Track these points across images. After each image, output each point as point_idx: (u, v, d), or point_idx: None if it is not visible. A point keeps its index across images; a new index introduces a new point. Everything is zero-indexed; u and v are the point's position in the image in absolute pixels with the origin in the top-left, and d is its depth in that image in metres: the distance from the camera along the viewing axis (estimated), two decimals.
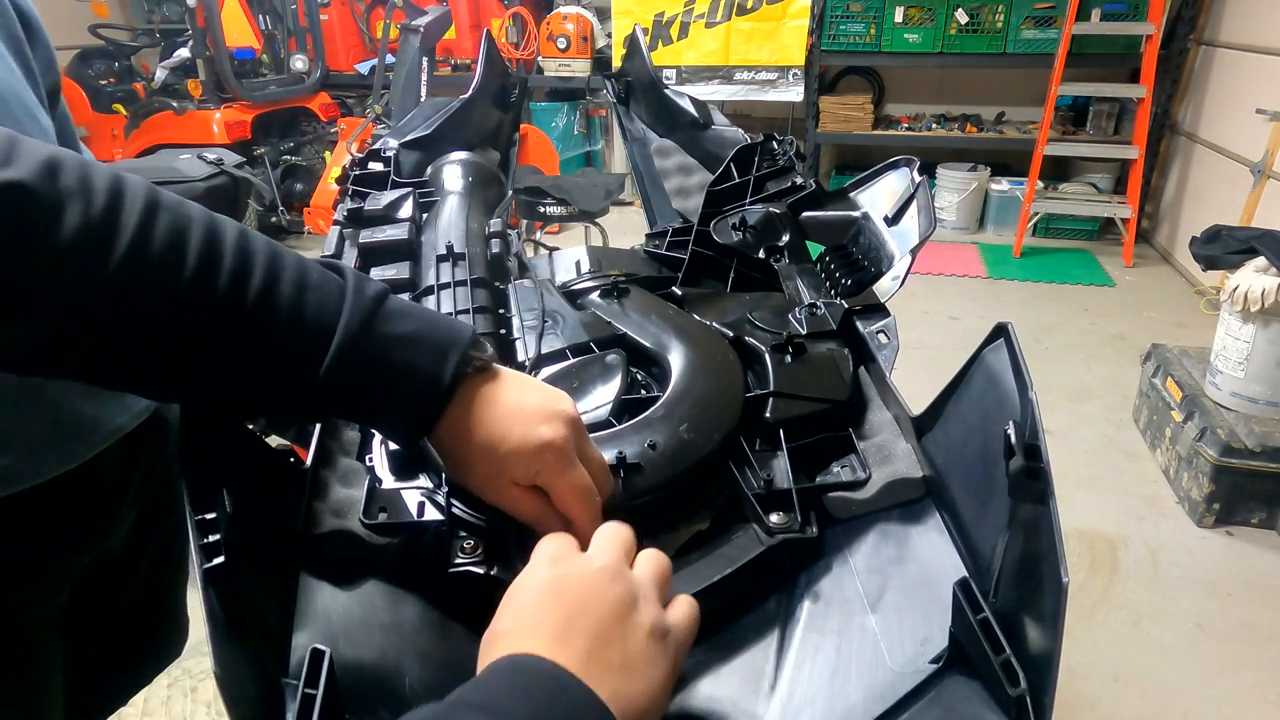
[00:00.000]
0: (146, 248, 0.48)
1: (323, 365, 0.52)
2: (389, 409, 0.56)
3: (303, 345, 0.52)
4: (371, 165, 1.25)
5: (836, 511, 0.69)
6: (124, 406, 0.88)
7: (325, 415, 0.60)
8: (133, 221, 0.48)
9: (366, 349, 0.53)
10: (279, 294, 0.52)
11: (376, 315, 0.54)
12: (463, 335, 0.57)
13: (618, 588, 0.48)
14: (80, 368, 0.51)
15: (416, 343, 0.55)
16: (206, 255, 0.50)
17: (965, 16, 4.90)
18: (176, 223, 0.50)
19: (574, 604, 0.47)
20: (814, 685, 0.56)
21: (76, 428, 0.82)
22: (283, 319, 0.51)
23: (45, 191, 0.46)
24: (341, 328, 0.53)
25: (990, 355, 0.61)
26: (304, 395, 0.53)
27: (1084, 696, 1.99)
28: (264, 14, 5.05)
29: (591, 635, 0.45)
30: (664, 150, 1.50)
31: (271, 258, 0.53)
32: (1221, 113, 4.42)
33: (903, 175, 0.99)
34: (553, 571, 0.49)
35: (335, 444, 0.71)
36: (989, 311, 4.23)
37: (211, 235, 0.51)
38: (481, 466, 0.57)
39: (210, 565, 0.48)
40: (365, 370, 0.54)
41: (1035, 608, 0.47)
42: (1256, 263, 2.56)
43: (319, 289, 0.53)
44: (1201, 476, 2.53)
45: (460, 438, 0.57)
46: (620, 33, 5.35)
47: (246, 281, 0.51)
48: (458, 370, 0.56)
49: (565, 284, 0.98)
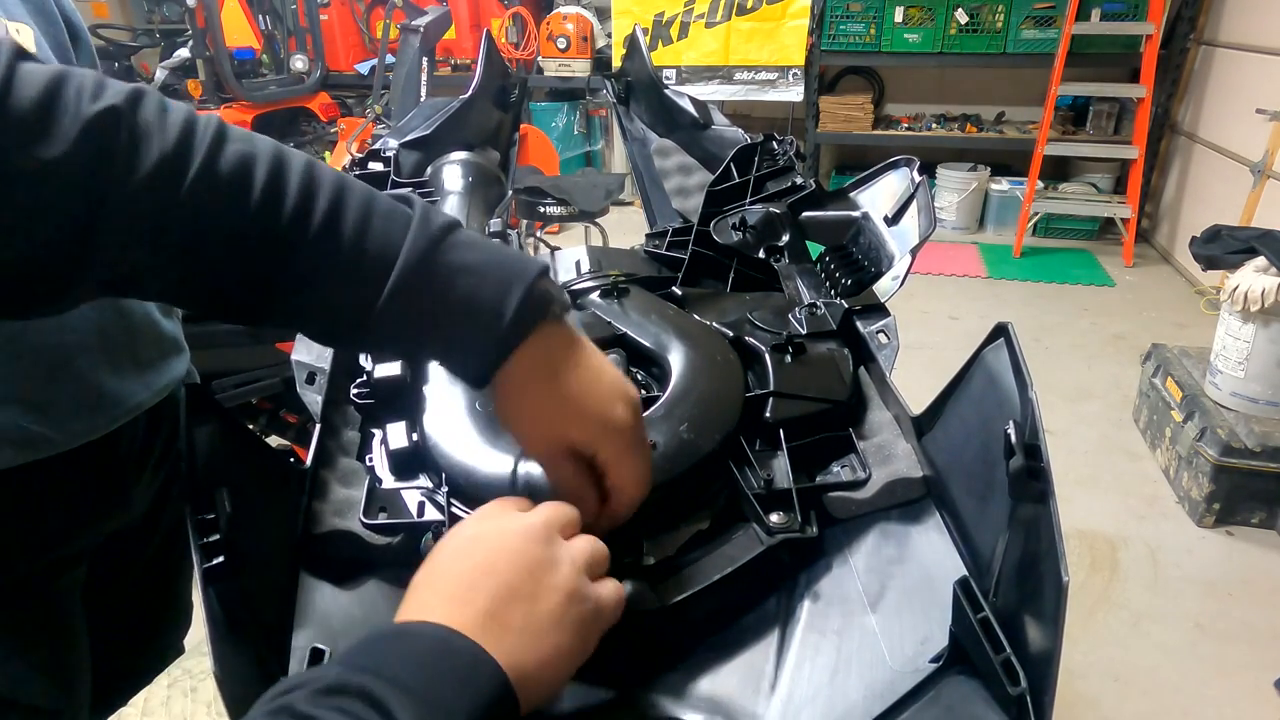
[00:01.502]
0: (214, 175, 0.50)
1: (384, 290, 0.52)
2: (453, 339, 0.55)
3: (367, 270, 0.52)
4: (371, 165, 1.25)
5: (837, 511, 0.69)
6: (145, 384, 0.92)
7: (392, 344, 0.58)
8: (202, 150, 0.50)
9: (429, 276, 0.53)
10: (344, 222, 0.52)
11: (442, 245, 0.54)
12: (530, 269, 0.55)
13: (535, 549, 0.49)
14: (164, 290, 0.53)
15: (481, 273, 0.54)
16: (272, 184, 0.51)
17: (965, 16, 4.90)
18: (243, 153, 0.52)
19: (482, 562, 0.48)
20: (814, 684, 0.56)
21: (100, 400, 0.86)
22: (346, 245, 0.52)
23: (132, 118, 0.49)
24: (404, 253, 0.52)
25: (990, 355, 0.61)
26: (369, 321, 0.53)
27: (1084, 696, 1.99)
28: (264, 14, 5.04)
29: (493, 595, 0.46)
30: (664, 150, 1.50)
31: (339, 188, 0.54)
32: (1221, 112, 4.42)
33: (903, 175, 0.99)
34: (474, 529, 0.51)
35: (335, 444, 0.71)
36: (989, 311, 4.23)
37: (277, 165, 0.52)
38: (546, 420, 0.56)
39: (210, 565, 0.48)
40: (428, 298, 0.53)
41: (1035, 607, 0.47)
42: (1256, 263, 2.56)
43: (386, 217, 0.54)
44: (1201, 476, 2.53)
45: (530, 385, 0.55)
46: (620, 33, 5.35)
47: (311, 208, 0.52)
48: (522, 304, 0.54)
49: (565, 284, 0.98)
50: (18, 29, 0.77)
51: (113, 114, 0.48)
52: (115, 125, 0.48)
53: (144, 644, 1.10)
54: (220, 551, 0.49)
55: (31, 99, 0.46)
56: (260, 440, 0.67)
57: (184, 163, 0.49)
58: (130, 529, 0.98)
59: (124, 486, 0.95)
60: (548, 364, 0.56)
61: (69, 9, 0.87)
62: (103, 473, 0.90)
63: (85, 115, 0.47)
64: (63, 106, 0.47)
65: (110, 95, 0.48)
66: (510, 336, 0.54)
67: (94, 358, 0.85)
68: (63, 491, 0.86)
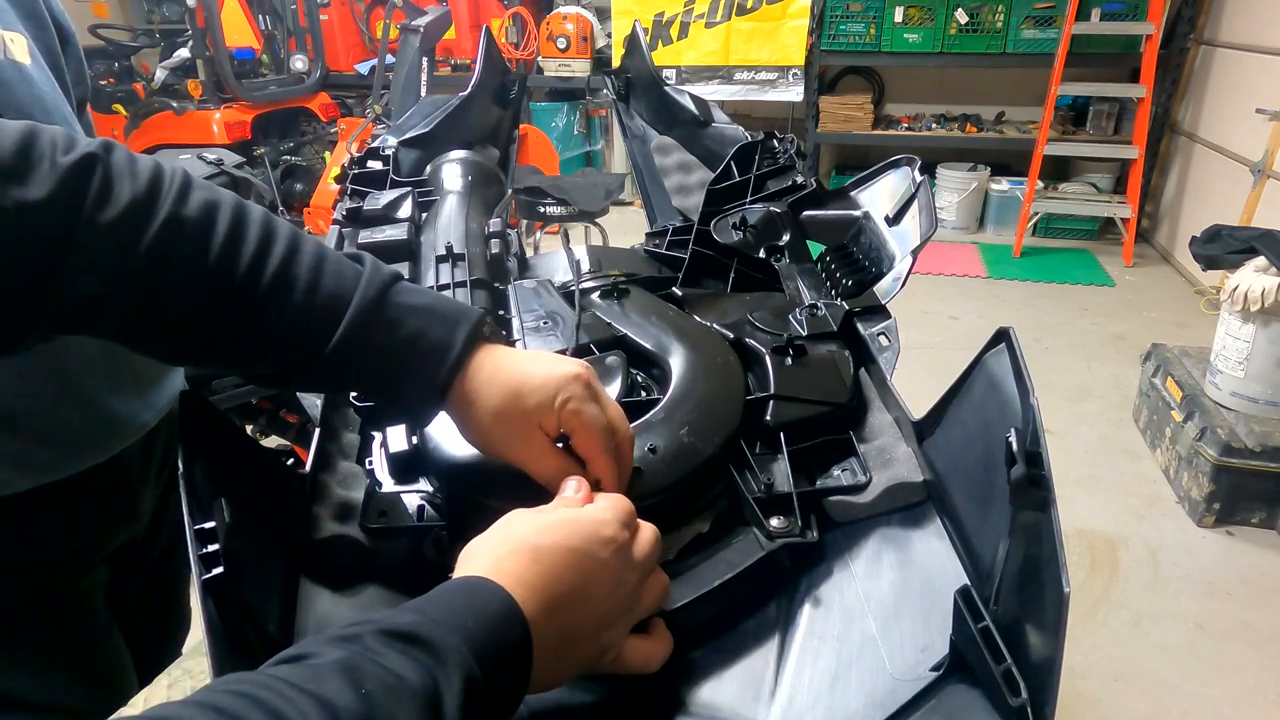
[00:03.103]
0: (181, 219, 0.53)
1: (335, 335, 0.55)
2: (402, 376, 0.58)
3: (317, 318, 0.56)
4: (370, 164, 1.25)
5: (837, 515, 0.68)
6: (149, 404, 0.94)
7: (343, 384, 0.63)
8: (171, 196, 0.54)
9: (379, 319, 0.57)
10: (295, 272, 0.56)
11: (390, 290, 0.58)
12: (474, 311, 0.60)
13: (618, 568, 0.51)
14: (114, 328, 0.55)
15: (429, 314, 0.58)
16: (233, 231, 0.55)
17: (965, 16, 4.90)
18: (209, 201, 0.55)
19: (572, 573, 0.49)
20: (814, 691, 0.56)
21: (109, 424, 0.89)
22: (298, 294, 0.55)
23: (107, 162, 0.53)
24: (355, 300, 0.56)
25: (991, 360, 0.60)
26: (319, 363, 0.56)
27: (1084, 696, 1.99)
28: (264, 14, 5.03)
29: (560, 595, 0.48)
30: (664, 148, 1.50)
31: (292, 240, 0.57)
32: (1221, 112, 4.42)
33: (903, 175, 0.98)
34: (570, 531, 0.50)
35: (335, 447, 0.71)
36: (989, 311, 4.23)
37: (239, 215, 0.56)
38: (506, 415, 0.58)
39: (209, 576, 0.48)
40: (378, 338, 0.57)
41: (1036, 616, 0.46)
42: (1256, 262, 2.55)
43: (336, 269, 0.57)
44: (1201, 476, 2.53)
45: (481, 391, 0.58)
46: (620, 33, 5.35)
47: (267, 255, 0.55)
48: (470, 337, 0.59)
49: (565, 284, 0.97)
50: (12, 38, 0.78)
51: (90, 159, 0.52)
52: (91, 168, 0.52)
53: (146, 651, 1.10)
54: (219, 562, 0.49)
55: (8, 149, 0.49)
56: (259, 446, 0.67)
57: (153, 205, 0.53)
58: (137, 538, 1.00)
59: (132, 500, 0.97)
60: (487, 370, 0.59)
61: (58, 11, 0.88)
62: (111, 489, 0.92)
63: (63, 163, 0.51)
64: (39, 154, 0.50)
65: (84, 145, 0.52)
66: (459, 363, 0.58)
67: (99, 381, 0.87)
68: (73, 510, 0.88)
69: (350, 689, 0.37)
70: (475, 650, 0.41)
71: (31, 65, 0.79)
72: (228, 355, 0.58)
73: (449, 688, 0.39)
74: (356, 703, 0.36)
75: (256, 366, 0.58)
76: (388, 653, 0.39)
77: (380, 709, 0.37)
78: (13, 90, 0.76)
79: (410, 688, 0.38)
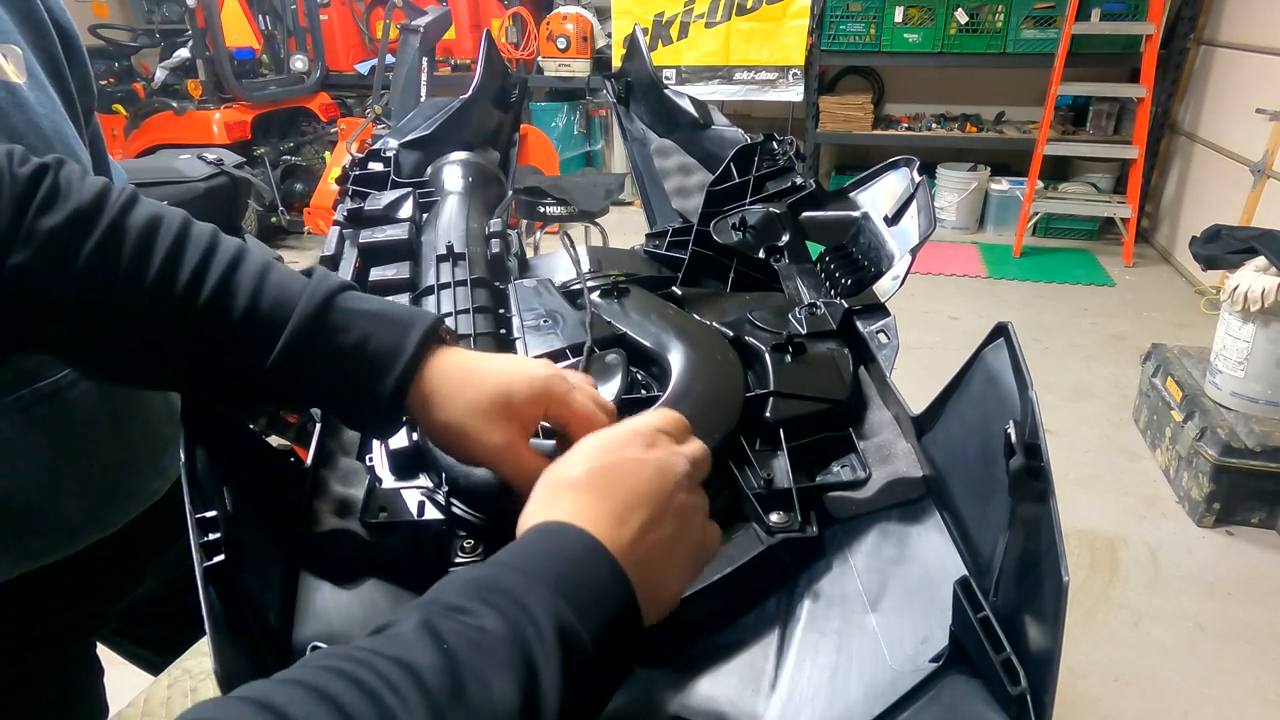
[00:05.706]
0: (122, 231, 0.54)
1: (278, 343, 0.55)
2: (351, 382, 0.56)
3: (260, 328, 0.55)
4: (371, 165, 1.25)
5: (836, 511, 0.69)
6: (160, 470, 0.89)
7: (293, 395, 0.60)
8: (114, 209, 0.54)
9: (323, 326, 0.55)
10: (238, 283, 0.55)
11: (337, 298, 0.56)
12: (428, 315, 0.58)
13: (686, 498, 0.51)
14: (58, 341, 0.56)
15: (377, 319, 0.57)
16: (175, 247, 0.55)
17: (965, 16, 4.90)
18: (152, 216, 0.56)
19: (641, 494, 0.48)
20: (814, 684, 0.56)
21: (112, 499, 0.84)
22: (240, 304, 0.55)
23: (57, 174, 0.54)
24: (299, 307, 0.55)
25: (990, 355, 0.61)
26: (264, 374, 0.55)
27: (1084, 696, 1.99)
28: (264, 14, 5.04)
29: (644, 527, 0.47)
30: (664, 150, 1.50)
31: (237, 254, 0.57)
32: (1221, 112, 4.42)
33: (903, 175, 0.99)
34: (638, 454, 0.50)
35: (335, 443, 0.71)
36: (989, 311, 4.23)
37: (182, 231, 0.56)
38: (491, 415, 0.56)
39: (210, 563, 0.48)
40: (322, 344, 0.55)
41: (1036, 606, 0.46)
42: (1256, 262, 2.56)
43: (281, 281, 0.56)
44: (1201, 476, 2.53)
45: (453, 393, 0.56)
46: (620, 33, 5.35)
47: (206, 272, 0.55)
48: (424, 341, 0.56)
49: (565, 284, 0.98)
50: (4, 54, 0.72)
51: (43, 169, 0.54)
52: (41, 177, 0.54)
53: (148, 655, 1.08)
54: (220, 550, 0.49)
55: None
56: (261, 440, 0.67)
57: (96, 216, 0.54)
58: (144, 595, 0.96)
59: (138, 569, 0.92)
60: (465, 367, 0.57)
61: (60, 14, 0.80)
62: (114, 562, 0.87)
63: (20, 174, 0.53)
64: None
65: (41, 159, 0.55)
66: (412, 366, 0.56)
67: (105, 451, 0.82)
68: (68, 587, 0.84)
69: (431, 647, 0.37)
70: (565, 593, 0.41)
71: (28, 83, 0.73)
72: (174, 371, 0.57)
73: (537, 636, 0.38)
74: (439, 659, 0.36)
75: (206, 383, 0.58)
76: (469, 606, 0.39)
77: (464, 664, 0.36)
78: (7, 117, 0.70)
79: (494, 638, 0.38)
